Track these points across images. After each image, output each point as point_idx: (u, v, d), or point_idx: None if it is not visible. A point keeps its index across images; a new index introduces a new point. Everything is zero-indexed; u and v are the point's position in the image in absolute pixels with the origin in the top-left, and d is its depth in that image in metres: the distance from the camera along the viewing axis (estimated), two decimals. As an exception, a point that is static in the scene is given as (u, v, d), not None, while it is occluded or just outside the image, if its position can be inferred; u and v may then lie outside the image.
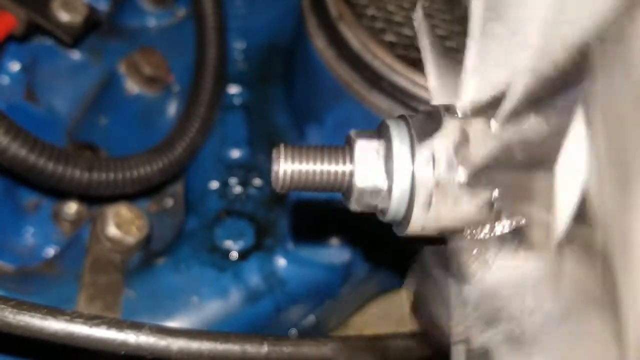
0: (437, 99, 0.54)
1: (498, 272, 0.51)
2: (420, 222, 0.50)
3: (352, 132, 0.53)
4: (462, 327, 0.50)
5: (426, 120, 0.51)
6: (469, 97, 0.51)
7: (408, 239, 0.55)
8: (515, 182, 0.47)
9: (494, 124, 0.49)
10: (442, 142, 0.49)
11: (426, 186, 0.50)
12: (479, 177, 0.49)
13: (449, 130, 0.49)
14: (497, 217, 0.50)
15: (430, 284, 0.56)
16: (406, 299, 1.53)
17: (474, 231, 0.52)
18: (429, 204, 0.50)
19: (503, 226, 0.50)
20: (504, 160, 0.48)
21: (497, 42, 0.50)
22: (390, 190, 0.50)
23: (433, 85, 0.55)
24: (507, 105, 0.48)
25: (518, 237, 0.50)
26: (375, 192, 0.51)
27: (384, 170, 0.51)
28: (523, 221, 0.47)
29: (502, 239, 0.51)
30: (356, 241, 1.23)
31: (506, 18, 0.50)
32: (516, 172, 0.47)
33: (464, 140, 0.49)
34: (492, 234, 0.51)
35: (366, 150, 0.51)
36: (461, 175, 0.49)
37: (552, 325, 0.48)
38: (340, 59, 1.18)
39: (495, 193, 0.49)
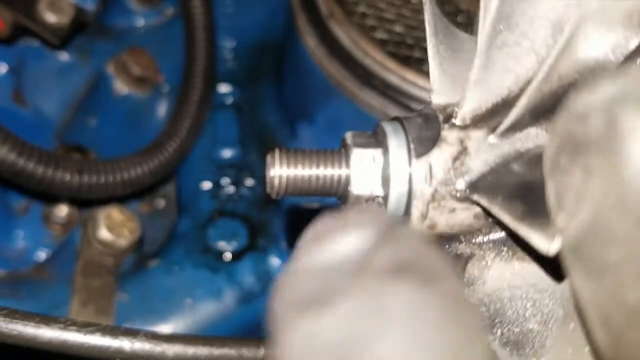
0: (438, 96, 0.52)
1: (497, 275, 0.50)
2: (423, 194, 0.49)
3: (348, 136, 0.52)
4: None
5: (424, 128, 0.49)
6: (471, 106, 0.50)
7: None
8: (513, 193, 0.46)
9: (492, 136, 0.48)
10: (440, 155, 0.48)
11: (423, 194, 0.49)
12: (476, 187, 0.48)
13: (448, 143, 0.48)
14: (494, 225, 0.50)
15: None
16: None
17: (469, 237, 0.51)
18: (427, 211, 0.50)
19: (499, 232, 0.50)
20: (502, 173, 0.47)
21: (503, 51, 0.49)
22: (387, 195, 0.49)
23: (435, 79, 0.53)
24: (510, 118, 0.48)
25: (514, 242, 0.49)
26: (372, 197, 0.51)
27: (380, 175, 0.50)
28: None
29: (500, 243, 0.51)
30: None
31: (515, 27, 0.49)
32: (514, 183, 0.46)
33: (462, 153, 0.48)
34: (488, 240, 0.51)
35: (362, 154, 0.50)
36: (459, 186, 0.49)
37: (554, 328, 0.47)
38: (331, 57, 1.17)
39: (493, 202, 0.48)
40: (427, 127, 0.49)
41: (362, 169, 0.50)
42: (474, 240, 0.52)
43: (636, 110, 0.31)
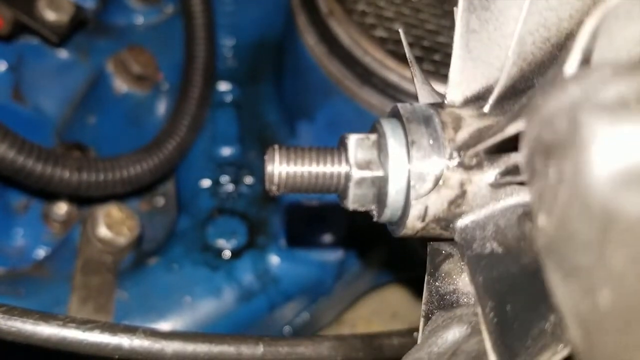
0: (455, 88, 0.53)
1: (467, 282, 0.51)
2: (415, 227, 0.50)
3: (350, 145, 0.51)
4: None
5: (428, 155, 0.49)
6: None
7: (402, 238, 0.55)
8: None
9: (494, 178, 0.49)
10: (438, 198, 0.49)
11: (415, 227, 0.50)
12: (466, 240, 0.49)
13: (448, 187, 0.49)
14: None
15: None
16: (398, 294, 1.52)
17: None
18: (414, 235, 0.51)
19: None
20: (491, 232, 0.48)
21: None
22: (385, 193, 0.49)
23: (454, 75, 0.53)
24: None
25: None
26: (371, 195, 0.51)
27: (377, 195, 0.50)
28: None
29: None
30: (349, 238, 1.23)
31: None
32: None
33: (460, 197, 0.49)
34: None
35: (362, 178, 0.50)
36: (449, 224, 0.50)
37: None
38: (331, 56, 1.17)
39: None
40: (432, 156, 0.49)
41: (360, 165, 0.51)
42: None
43: (596, 115, 0.31)
